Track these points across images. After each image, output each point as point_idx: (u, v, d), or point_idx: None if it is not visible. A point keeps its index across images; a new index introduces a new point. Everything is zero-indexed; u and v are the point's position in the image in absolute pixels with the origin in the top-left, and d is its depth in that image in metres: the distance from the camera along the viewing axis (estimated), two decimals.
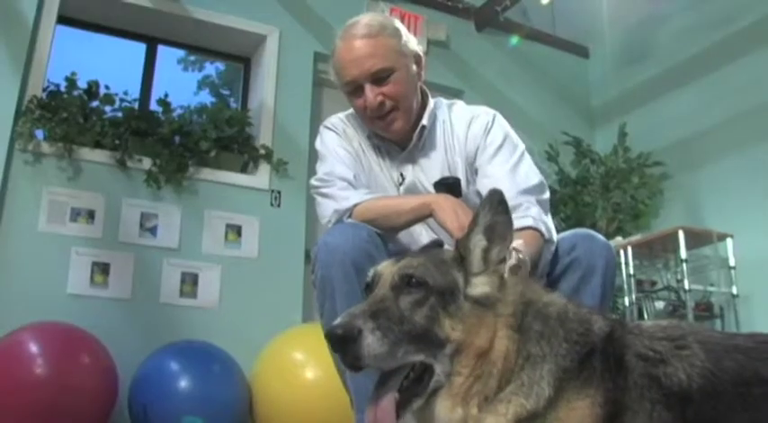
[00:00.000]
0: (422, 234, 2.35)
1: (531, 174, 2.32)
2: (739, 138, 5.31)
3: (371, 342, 1.31)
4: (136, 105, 4.88)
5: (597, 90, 6.72)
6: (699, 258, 5.27)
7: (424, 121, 2.38)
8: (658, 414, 1.31)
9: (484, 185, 2.26)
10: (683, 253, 5.01)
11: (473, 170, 2.37)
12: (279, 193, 5.11)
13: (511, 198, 1.72)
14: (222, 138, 4.93)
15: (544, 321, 1.44)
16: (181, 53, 5.84)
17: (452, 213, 2.06)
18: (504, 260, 1.49)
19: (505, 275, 1.49)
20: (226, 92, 6.03)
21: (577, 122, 6.41)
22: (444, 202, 2.12)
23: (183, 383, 3.89)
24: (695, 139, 5.67)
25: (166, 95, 5.00)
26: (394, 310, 1.38)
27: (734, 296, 5.08)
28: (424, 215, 2.16)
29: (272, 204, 5.07)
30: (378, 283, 1.49)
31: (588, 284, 2.09)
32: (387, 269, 1.51)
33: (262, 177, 5.09)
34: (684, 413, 1.31)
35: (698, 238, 5.18)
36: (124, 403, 3.98)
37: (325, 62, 4.32)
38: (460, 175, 2.36)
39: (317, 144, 2.50)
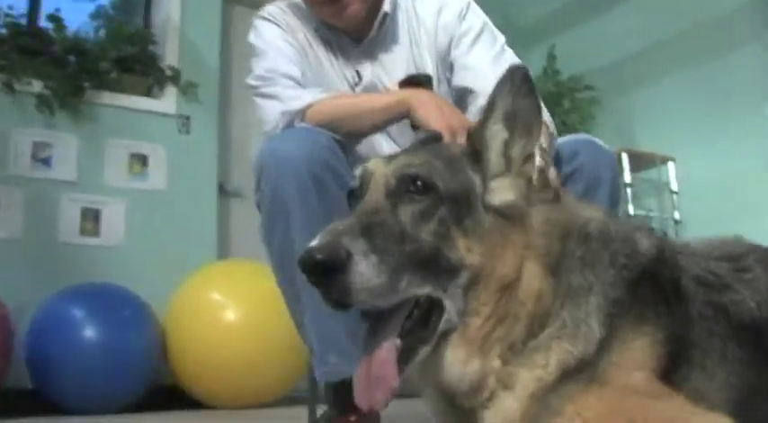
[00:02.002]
0: (382, 145, 2.03)
1: (517, 63, 2.02)
2: (674, 59, 5.19)
3: (365, 269, 1.00)
4: (23, 21, 4.49)
5: (523, 9, 6.43)
6: (639, 182, 5.21)
7: (386, 8, 2.04)
8: (732, 353, 1.10)
9: (463, 79, 1.98)
10: (627, 177, 4.92)
11: (446, 66, 2.06)
12: (187, 118, 4.82)
13: None
14: (123, 57, 4.59)
15: (586, 244, 1.15)
16: None
17: (437, 110, 1.72)
18: (530, 159, 1.17)
19: (534, 179, 1.17)
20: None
21: None
22: (426, 98, 1.79)
23: (89, 331, 3.62)
24: (627, 62, 5.54)
25: (58, 10, 4.58)
26: (392, 224, 1.07)
27: (676, 222, 5.06)
28: (398, 115, 1.83)
29: (180, 131, 4.80)
30: (367, 189, 1.17)
31: (593, 197, 1.79)
32: (378, 168, 1.18)
33: (168, 101, 4.78)
34: (756, 350, 1.11)
35: (639, 162, 5.11)
36: (20, 356, 3.66)
37: None
38: (430, 72, 2.04)
39: (252, 38, 2.10)
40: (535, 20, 6.37)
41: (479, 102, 1.89)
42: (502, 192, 1.15)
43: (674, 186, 5.06)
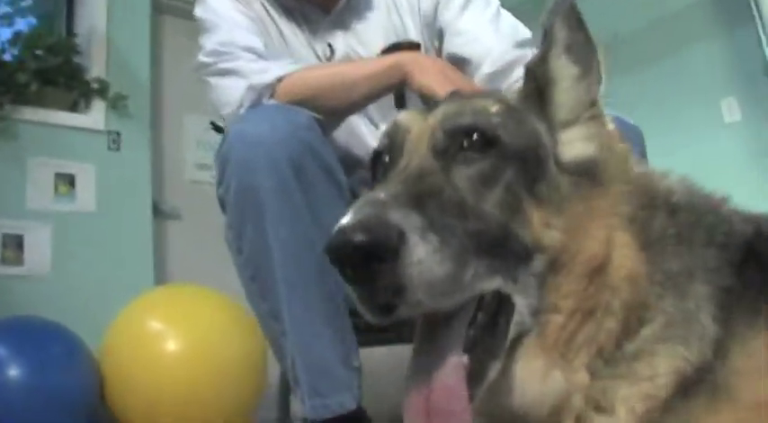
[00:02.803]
0: (362, 130, 1.80)
1: (518, 26, 1.81)
2: (628, 56, 5.02)
3: (425, 256, 0.72)
4: None
5: None
6: None
7: None
8: None
9: (457, 45, 1.75)
10: None
11: (434, 32, 1.83)
12: (118, 134, 4.54)
13: (504, 52, 1.15)
14: (44, 69, 4.25)
15: (675, 218, 0.91)
16: None
17: (440, 75, 1.49)
18: (596, 104, 0.93)
19: (610, 126, 0.93)
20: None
21: None
22: (424, 61, 1.57)
23: (13, 371, 3.24)
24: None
25: None
26: (448, 193, 0.80)
27: None
28: (391, 83, 1.59)
29: (110, 148, 4.51)
30: (404, 147, 0.90)
31: None
32: (415, 121, 0.91)
33: (96, 116, 4.48)
34: None
35: None
36: None
37: None
38: (417, 40, 1.82)
39: (198, 11, 1.83)
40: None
41: (484, 70, 1.65)
42: (578, 143, 0.90)
43: None
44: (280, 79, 1.64)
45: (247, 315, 2.84)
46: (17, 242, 4.03)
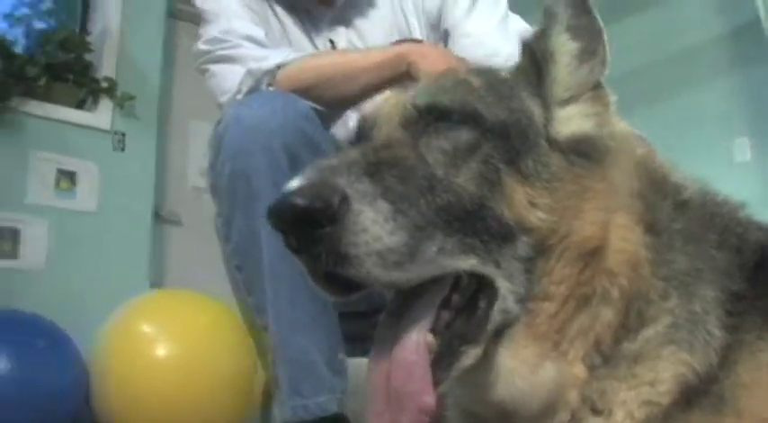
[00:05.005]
0: None
1: (527, 29, 1.78)
2: (640, 93, 5.01)
3: (370, 222, 0.69)
4: None
5: None
6: None
7: None
8: None
9: (466, 46, 1.73)
10: None
11: (439, 34, 1.82)
12: (123, 135, 4.53)
13: (510, 55, 1.13)
14: (54, 64, 4.26)
15: (685, 214, 0.86)
16: None
17: (446, 64, 1.44)
18: (600, 86, 0.89)
19: (613, 107, 0.88)
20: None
21: None
22: (430, 51, 1.55)
23: (1, 366, 3.20)
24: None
25: None
26: (412, 162, 0.76)
27: None
28: (395, 73, 1.55)
29: (114, 148, 4.49)
30: (374, 128, 0.86)
31: None
32: (389, 100, 0.87)
33: (103, 115, 4.47)
34: None
35: None
36: None
37: None
38: (420, 38, 1.80)
39: (199, 2, 1.81)
40: None
41: None
42: (576, 120, 0.85)
43: None
44: (280, 66, 1.62)
45: (242, 324, 2.80)
46: (13, 236, 4.01)
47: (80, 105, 4.42)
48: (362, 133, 0.89)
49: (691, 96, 4.90)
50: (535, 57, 0.90)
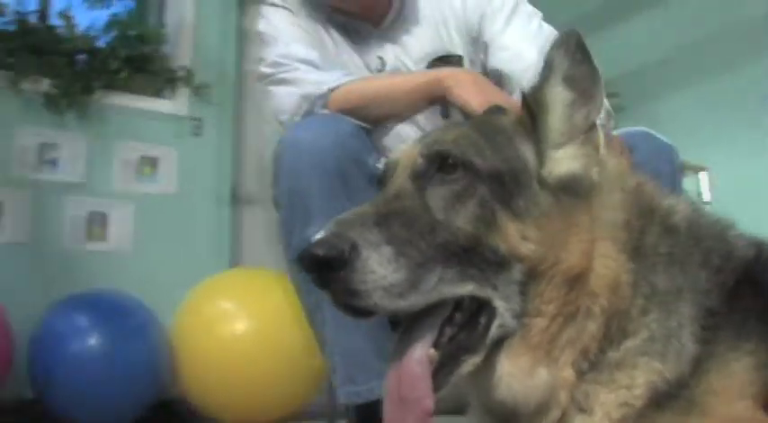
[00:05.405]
0: (410, 136, 1.87)
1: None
2: (703, 65, 4.98)
3: (376, 265, 0.84)
4: (33, 18, 4.31)
5: (547, 14, 6.24)
6: None
7: None
8: None
9: (502, 60, 1.83)
10: None
11: (479, 46, 1.91)
12: (200, 120, 4.67)
13: None
14: (134, 57, 4.44)
15: (672, 238, 0.97)
16: None
17: (476, 89, 1.59)
18: (594, 129, 0.99)
19: (602, 149, 0.99)
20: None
21: None
22: (463, 76, 1.67)
23: (92, 341, 3.44)
24: (654, 68, 5.32)
25: (68, 7, 4.45)
26: (417, 211, 0.91)
27: None
28: (433, 95, 1.69)
29: (192, 134, 4.64)
30: (392, 175, 1.01)
31: None
32: (406, 151, 1.02)
33: (180, 103, 4.63)
34: None
35: None
36: (22, 367, 3.50)
37: None
38: (461, 53, 1.90)
39: (261, 26, 1.98)
40: (559, 26, 6.17)
41: (524, 85, 1.74)
42: (566, 162, 0.97)
43: (707, 196, 4.83)
44: (332, 90, 1.75)
45: None
46: (102, 220, 4.22)
47: (158, 95, 4.56)
48: (385, 178, 1.03)
49: (756, 67, 4.76)
50: (531, 108, 1.01)
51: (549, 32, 1.89)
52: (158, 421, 3.69)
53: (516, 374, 0.91)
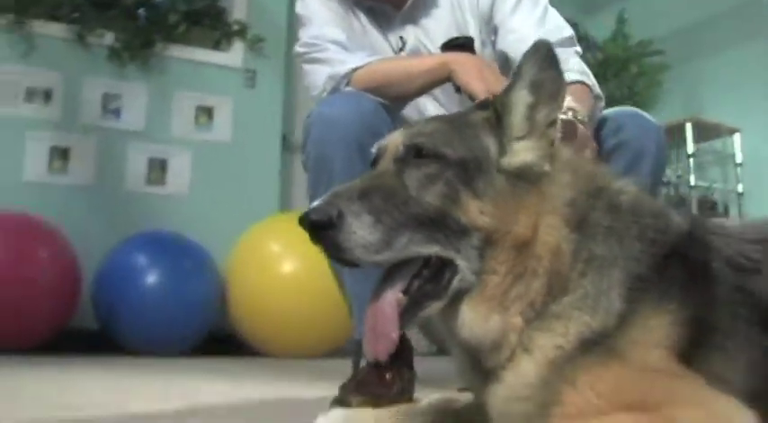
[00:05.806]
0: (428, 108, 2.09)
1: (561, 25, 2.04)
2: (748, 27, 5.00)
3: (357, 228, 1.04)
4: None
5: None
6: (703, 153, 5.06)
7: None
8: (756, 340, 1.08)
9: (509, 42, 2.00)
10: (690, 147, 4.79)
11: (491, 29, 2.09)
12: (254, 72, 4.85)
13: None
14: (192, 11, 4.64)
15: (614, 214, 1.15)
16: None
17: (477, 74, 1.77)
18: (553, 125, 1.18)
19: (557, 142, 1.18)
20: None
21: (572, 5, 5.91)
22: (467, 61, 1.83)
23: (152, 278, 3.72)
24: (700, 27, 5.34)
25: None
26: (396, 187, 1.11)
27: (738, 194, 4.90)
28: (441, 77, 1.86)
29: (246, 85, 4.82)
30: (381, 157, 1.21)
31: (637, 171, 1.80)
32: (393, 138, 1.21)
33: (235, 55, 4.81)
34: None
35: (704, 133, 4.95)
36: (87, 298, 3.80)
37: None
38: (474, 35, 2.06)
39: (298, 8, 2.17)
40: None
41: None
42: (522, 153, 1.15)
43: (739, 158, 4.89)
44: (355, 70, 1.93)
45: None
46: (161, 165, 4.46)
47: (215, 47, 4.73)
48: (377, 158, 1.22)
49: None
50: (497, 110, 1.19)
51: (552, 16, 2.04)
52: (211, 352, 3.92)
53: (475, 319, 1.11)
